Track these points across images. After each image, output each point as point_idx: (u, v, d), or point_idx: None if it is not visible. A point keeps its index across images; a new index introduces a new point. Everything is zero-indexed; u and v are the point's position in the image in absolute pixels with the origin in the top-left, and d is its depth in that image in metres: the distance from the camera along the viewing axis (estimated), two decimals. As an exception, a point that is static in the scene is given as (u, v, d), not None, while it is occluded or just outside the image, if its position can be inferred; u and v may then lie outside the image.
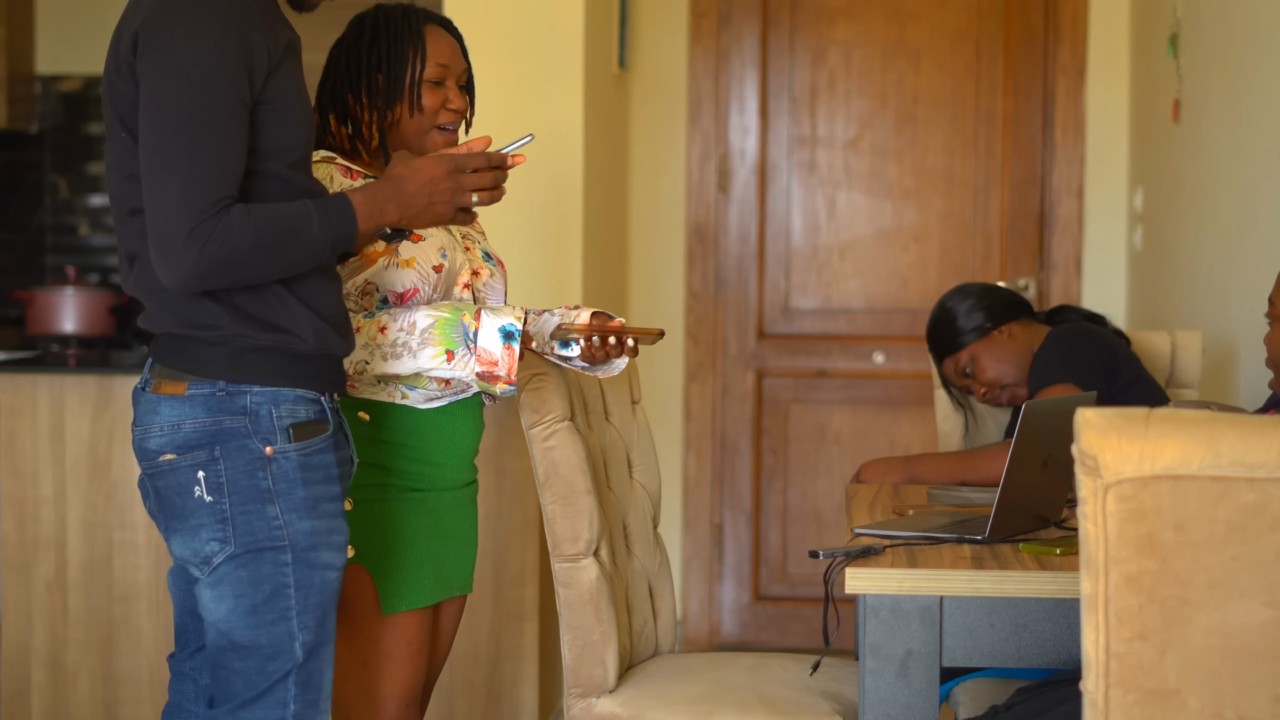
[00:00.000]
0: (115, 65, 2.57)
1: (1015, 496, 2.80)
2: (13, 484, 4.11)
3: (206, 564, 2.58)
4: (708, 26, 5.81)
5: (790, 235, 5.82)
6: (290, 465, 2.59)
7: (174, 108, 2.48)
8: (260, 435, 2.57)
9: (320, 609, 2.62)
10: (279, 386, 2.60)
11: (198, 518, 2.58)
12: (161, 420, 2.60)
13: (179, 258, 2.46)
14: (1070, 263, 5.71)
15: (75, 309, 6.34)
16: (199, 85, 2.48)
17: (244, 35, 2.53)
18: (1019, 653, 2.60)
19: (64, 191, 6.77)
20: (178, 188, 2.46)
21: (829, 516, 5.79)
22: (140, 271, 2.61)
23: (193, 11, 2.50)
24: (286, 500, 2.58)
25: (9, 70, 6.43)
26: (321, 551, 2.62)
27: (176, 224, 2.46)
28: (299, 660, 2.60)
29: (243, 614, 2.57)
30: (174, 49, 2.49)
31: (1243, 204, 4.07)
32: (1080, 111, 5.70)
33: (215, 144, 2.49)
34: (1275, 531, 1.81)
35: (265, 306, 2.59)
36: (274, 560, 2.58)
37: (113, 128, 2.60)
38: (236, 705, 2.59)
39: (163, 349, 2.63)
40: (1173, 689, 1.83)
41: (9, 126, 6.51)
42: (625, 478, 3.53)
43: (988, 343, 3.81)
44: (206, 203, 2.46)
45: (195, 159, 2.47)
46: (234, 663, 2.59)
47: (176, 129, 2.48)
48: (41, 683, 4.11)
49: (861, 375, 5.81)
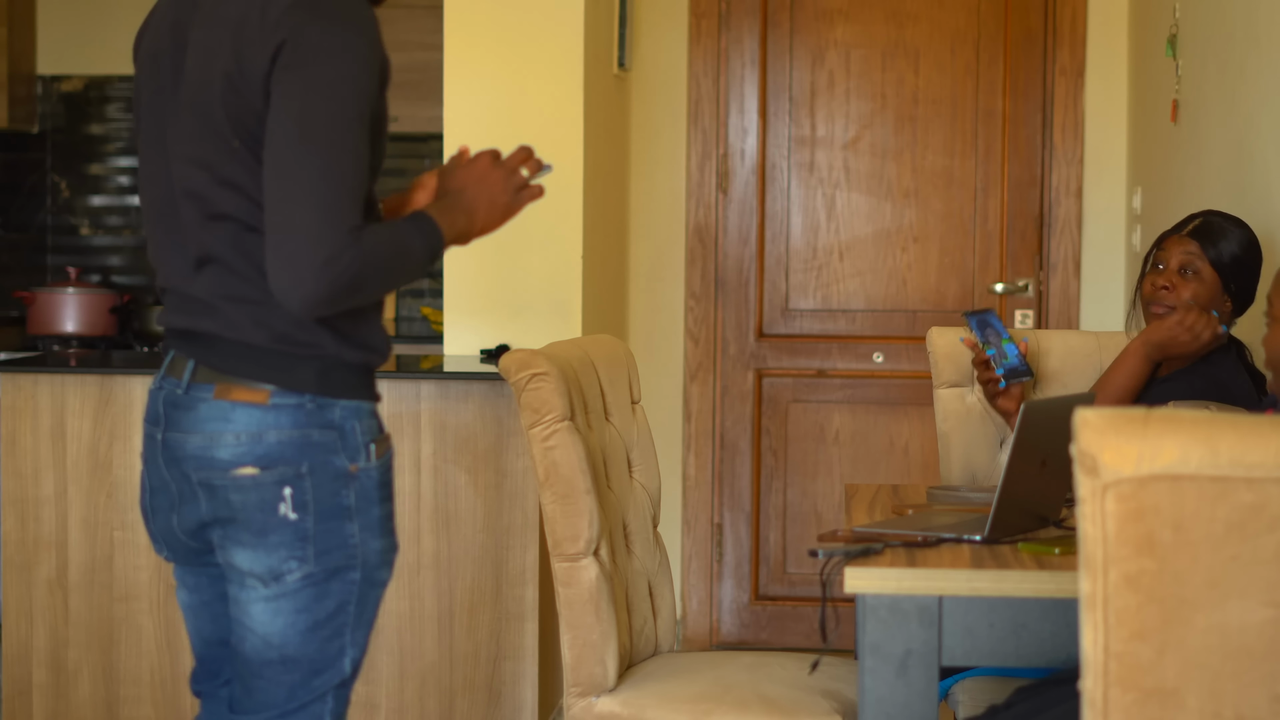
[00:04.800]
0: (240, 73, 2.46)
1: (1014, 496, 2.81)
2: (14, 484, 4.11)
3: (277, 581, 2.51)
4: (707, 27, 5.82)
5: (790, 235, 5.83)
6: (371, 484, 2.55)
7: (321, 130, 2.40)
8: (347, 451, 2.52)
9: (368, 625, 2.59)
10: (360, 400, 2.56)
11: (278, 535, 2.50)
12: (237, 428, 2.51)
13: (313, 285, 2.38)
14: (1069, 263, 5.71)
15: (76, 309, 6.35)
16: (346, 108, 2.41)
17: (381, 55, 2.49)
18: (1018, 652, 2.60)
19: (65, 192, 6.78)
20: (319, 213, 2.38)
21: (829, 516, 5.79)
22: (216, 276, 2.54)
23: (342, 26, 2.43)
24: (364, 518, 2.54)
25: (10, 71, 6.44)
26: (383, 570, 2.59)
27: (314, 250, 2.38)
28: (345, 675, 2.58)
29: (301, 629, 2.52)
30: (321, 68, 2.41)
31: (1241, 204, 4.07)
32: (1079, 112, 5.70)
33: (354, 169, 2.42)
34: (1274, 531, 1.81)
35: (357, 325, 2.55)
36: (344, 579, 2.53)
37: (216, 129, 2.50)
38: (274, 715, 2.55)
39: (232, 358, 2.53)
40: (1171, 688, 1.83)
41: (10, 127, 6.52)
42: (625, 477, 3.53)
43: (1216, 292, 3.63)
44: (344, 230, 2.39)
45: (336, 182, 2.40)
46: (278, 674, 2.54)
47: (319, 151, 2.40)
48: (42, 682, 4.11)
49: (861, 375, 5.82)
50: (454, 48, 4.67)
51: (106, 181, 6.77)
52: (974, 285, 5.78)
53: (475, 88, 4.66)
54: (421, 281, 6.77)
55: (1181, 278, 3.63)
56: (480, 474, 4.06)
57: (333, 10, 2.44)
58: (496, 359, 4.39)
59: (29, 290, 6.39)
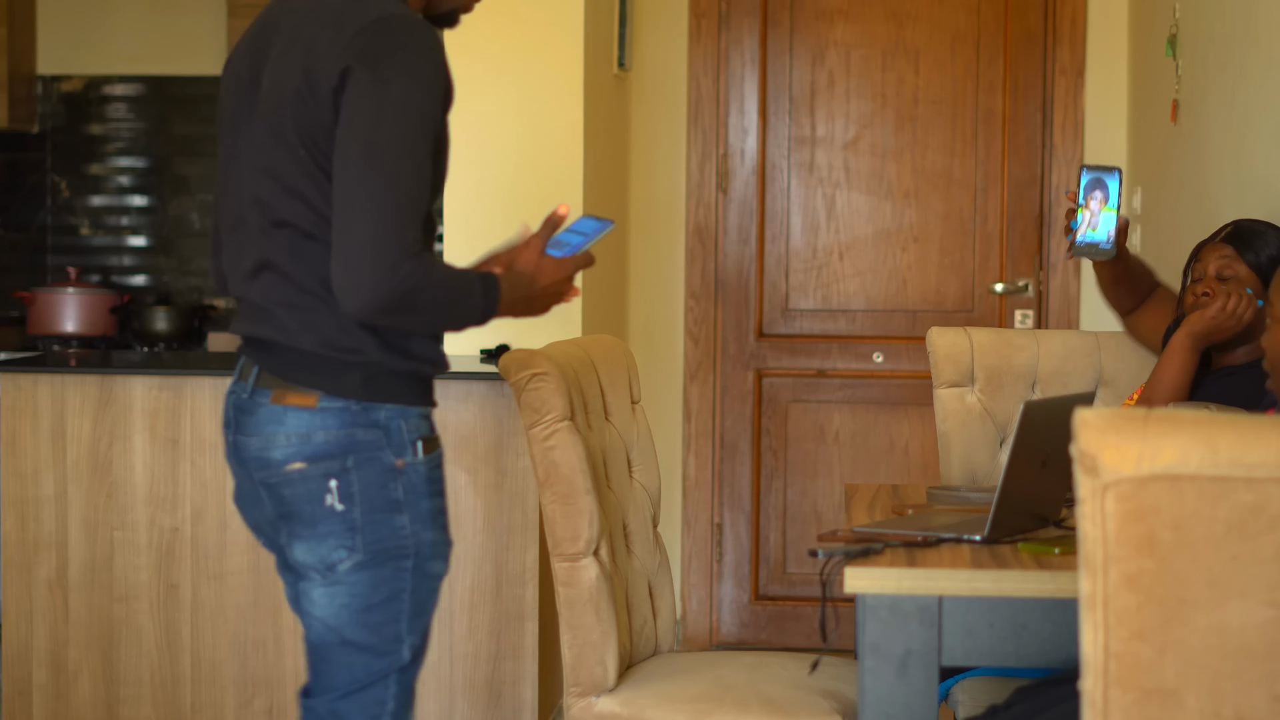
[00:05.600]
0: (309, 87, 2.61)
1: (1014, 496, 2.81)
2: (14, 484, 4.11)
3: (330, 570, 2.66)
4: (707, 27, 5.82)
5: (790, 235, 5.83)
6: (419, 478, 2.69)
7: (385, 146, 2.55)
8: (393, 447, 2.66)
9: (425, 615, 2.72)
10: (407, 404, 2.69)
11: (327, 525, 2.65)
12: (288, 430, 2.67)
13: (372, 289, 2.54)
14: (1069, 263, 5.71)
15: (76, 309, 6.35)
16: (412, 128, 2.57)
17: (446, 76, 2.66)
18: (1018, 652, 2.60)
19: (65, 192, 6.78)
20: (382, 222, 2.54)
21: (829, 516, 5.79)
22: (272, 281, 2.69)
23: (408, 51, 2.60)
24: (413, 511, 2.67)
25: (10, 71, 6.44)
26: (436, 562, 2.72)
27: (379, 258, 2.53)
28: (405, 662, 2.70)
29: (355, 612, 2.66)
30: (390, 88, 2.57)
31: (1241, 204, 4.07)
32: (1079, 112, 5.70)
33: (417, 186, 2.58)
34: (1273, 531, 1.81)
35: (404, 336, 2.69)
36: (395, 566, 2.66)
37: (284, 139, 2.65)
38: (339, 695, 2.69)
39: (287, 364, 2.69)
40: (1171, 688, 1.83)
41: (10, 127, 6.52)
42: (625, 477, 3.53)
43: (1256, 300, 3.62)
44: (407, 240, 2.55)
45: (400, 196, 2.55)
46: (341, 657, 2.68)
47: (386, 166, 2.55)
48: (43, 682, 4.12)
49: (861, 375, 5.82)
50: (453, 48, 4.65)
51: (106, 181, 6.77)
52: (974, 285, 5.78)
53: (475, 88, 4.66)
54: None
55: (1220, 283, 3.64)
56: (480, 474, 4.06)
57: (401, 35, 2.60)
58: (496, 359, 4.39)
59: (29, 290, 6.39)
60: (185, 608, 4.09)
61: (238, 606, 4.08)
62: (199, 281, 6.77)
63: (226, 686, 4.09)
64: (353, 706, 2.68)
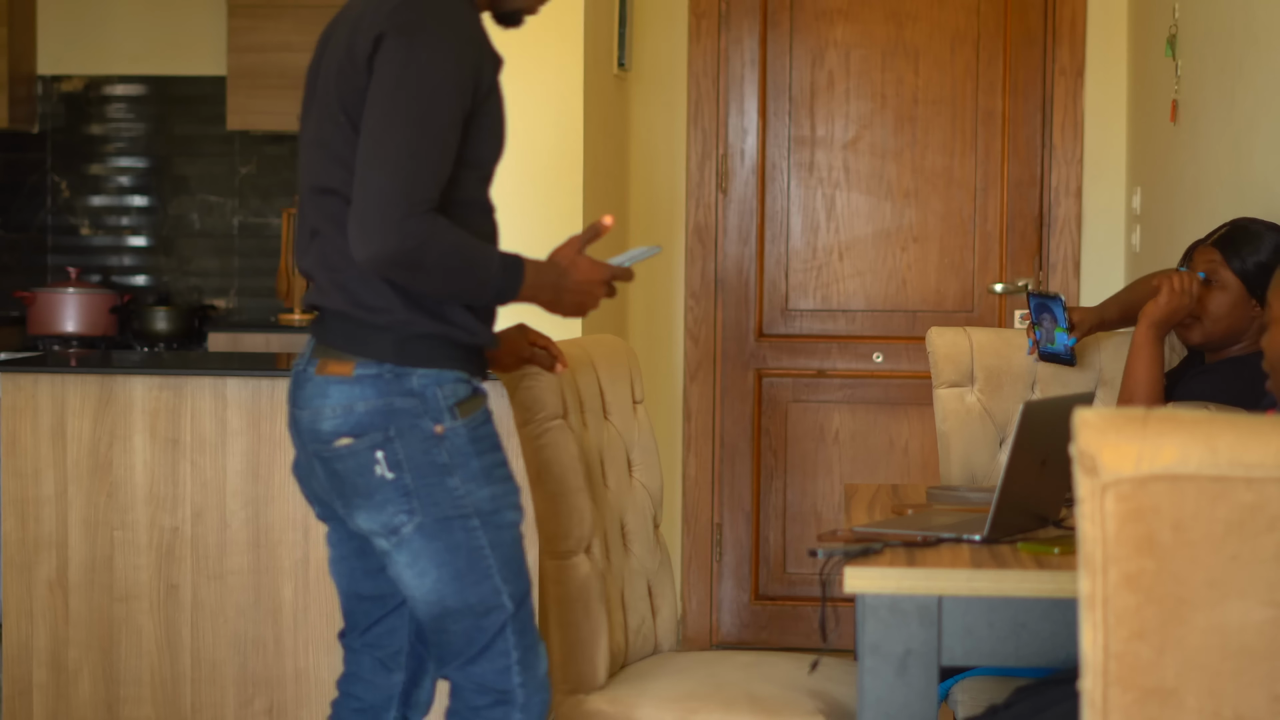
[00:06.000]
0: (349, 56, 2.74)
1: (1014, 496, 2.81)
2: (14, 484, 4.11)
3: (395, 534, 2.76)
4: (707, 27, 5.82)
5: (790, 235, 5.83)
6: (462, 440, 2.76)
7: (407, 106, 2.66)
8: (430, 415, 2.75)
9: (515, 561, 2.81)
10: (441, 368, 2.77)
11: (383, 494, 2.76)
12: (332, 403, 2.77)
13: (381, 239, 2.63)
14: (1069, 263, 5.72)
15: (76, 309, 6.35)
16: (433, 90, 2.68)
17: (478, 52, 2.76)
18: (1017, 652, 2.61)
19: (65, 192, 6.78)
20: (395, 177, 2.64)
21: (829, 516, 5.79)
22: (319, 247, 2.80)
23: (439, 22, 2.71)
24: (464, 472, 2.76)
25: (10, 71, 6.44)
26: (504, 512, 2.80)
27: (388, 209, 2.63)
28: (510, 611, 2.80)
29: (448, 581, 2.76)
30: (417, 53, 2.68)
31: (1241, 204, 4.07)
32: (1079, 112, 5.71)
33: (435, 147, 2.68)
34: (1273, 531, 1.81)
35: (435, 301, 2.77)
36: (464, 527, 2.76)
37: (330, 110, 2.78)
38: (464, 661, 2.81)
39: (329, 329, 2.80)
40: (1171, 688, 1.83)
41: (10, 127, 6.52)
42: (625, 476, 3.53)
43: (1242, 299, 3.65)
44: (418, 198, 2.65)
45: (416, 156, 2.66)
46: (451, 625, 2.79)
47: (405, 125, 2.66)
48: (43, 682, 4.12)
49: (861, 375, 5.82)
50: (454, 48, 4.66)
51: (106, 181, 6.77)
52: (974, 285, 5.79)
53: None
54: (421, 281, 6.77)
55: (1207, 288, 3.66)
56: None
57: (432, 10, 2.72)
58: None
59: (29, 290, 6.39)
60: (185, 608, 4.10)
61: (238, 606, 4.08)
62: (199, 281, 6.77)
63: (226, 686, 4.09)
64: (483, 668, 2.80)
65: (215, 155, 6.74)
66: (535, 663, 2.85)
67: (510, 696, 2.82)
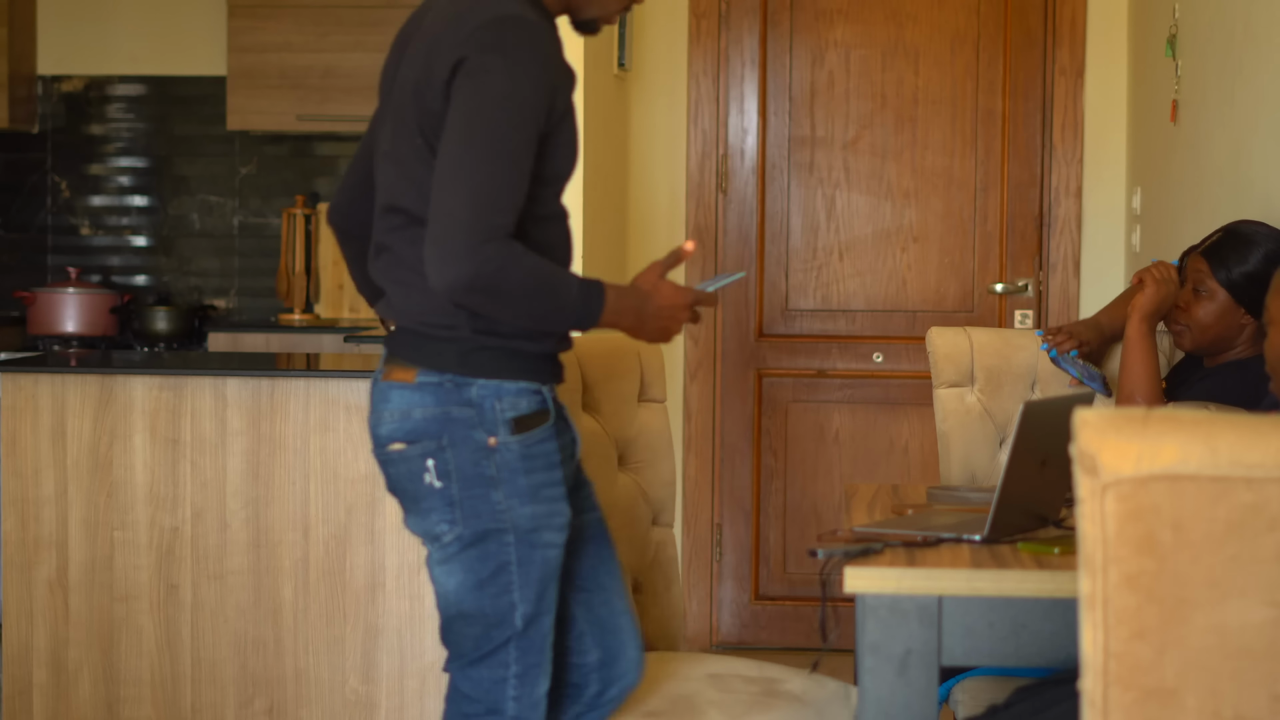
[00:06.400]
0: (426, 78, 2.77)
1: (1014, 496, 2.81)
2: (14, 484, 4.11)
3: (437, 541, 2.82)
4: (707, 27, 5.82)
5: (789, 235, 5.83)
6: (512, 455, 2.78)
7: (485, 133, 2.68)
8: (484, 427, 2.77)
9: (540, 584, 2.82)
10: (504, 379, 2.80)
11: (429, 501, 2.80)
12: (392, 407, 2.81)
13: (457, 266, 2.65)
14: (1069, 263, 5.72)
15: (76, 309, 6.35)
16: (510, 116, 2.70)
17: (553, 74, 2.78)
18: (1018, 652, 2.60)
19: (65, 192, 6.78)
20: (472, 204, 2.66)
21: (829, 516, 5.79)
22: (387, 262, 2.84)
23: (517, 47, 2.73)
24: (509, 487, 2.78)
25: (10, 71, 6.44)
26: (543, 533, 2.81)
27: (464, 236, 2.65)
28: (518, 629, 2.82)
29: (470, 588, 2.80)
30: (495, 79, 2.70)
31: (1241, 205, 4.07)
32: (1079, 112, 5.71)
33: (512, 173, 2.70)
34: (1273, 531, 1.81)
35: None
36: (498, 541, 2.79)
37: (407, 128, 2.80)
38: (466, 663, 2.85)
39: (397, 341, 2.85)
40: (1171, 688, 1.83)
41: (10, 127, 6.52)
42: (608, 473, 3.52)
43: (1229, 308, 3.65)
44: (494, 225, 2.67)
45: (493, 182, 2.68)
46: (462, 628, 2.84)
47: (482, 151, 2.68)
48: (43, 682, 4.12)
49: (861, 375, 5.82)
50: (454, 48, 4.66)
51: (106, 181, 6.77)
52: (974, 285, 5.79)
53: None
54: (421, 281, 6.77)
55: (1195, 296, 3.68)
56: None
57: (510, 32, 2.73)
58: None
59: (29, 290, 6.40)
60: (185, 608, 4.10)
61: (238, 606, 4.08)
62: (199, 281, 6.77)
63: (226, 686, 4.09)
64: (480, 673, 2.83)
65: (215, 155, 6.74)
66: (535, 682, 2.85)
67: (501, 710, 2.84)
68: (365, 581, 4.05)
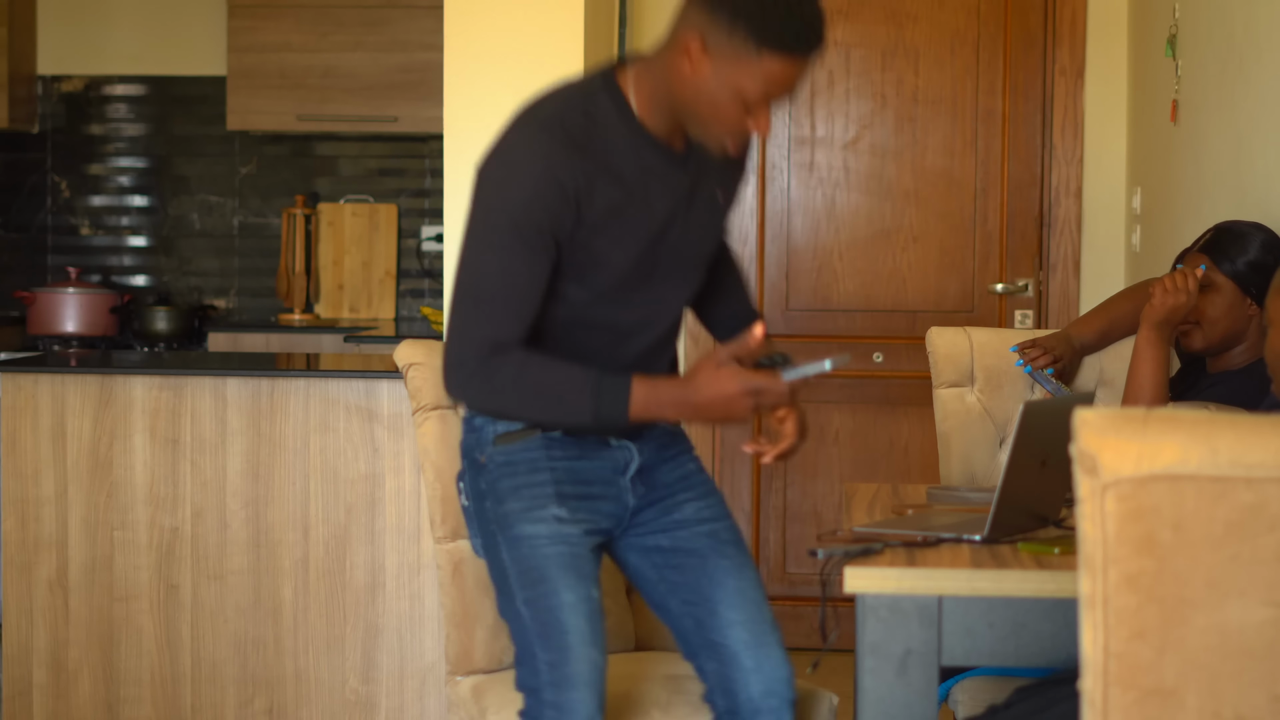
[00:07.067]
0: None
1: (1014, 496, 2.81)
2: (14, 484, 4.11)
3: (477, 555, 2.98)
4: (707, 27, 5.82)
5: (790, 235, 5.83)
6: (496, 465, 2.88)
7: (477, 248, 2.72)
8: (479, 447, 2.90)
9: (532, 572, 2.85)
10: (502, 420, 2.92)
11: (465, 519, 2.99)
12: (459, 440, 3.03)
13: (450, 380, 2.77)
14: (1069, 263, 5.72)
15: (76, 309, 6.35)
16: (503, 232, 2.69)
17: (557, 180, 2.67)
18: (1018, 652, 2.60)
19: (65, 192, 6.78)
20: (463, 323, 2.73)
21: (829, 516, 5.79)
22: None
23: (511, 153, 2.72)
24: (494, 494, 2.89)
25: (10, 71, 6.44)
26: (522, 525, 2.85)
27: (455, 353, 2.74)
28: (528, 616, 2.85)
29: (497, 596, 2.92)
30: (489, 193, 2.71)
31: (1241, 205, 4.07)
32: (1079, 112, 5.71)
33: (506, 288, 2.71)
34: (1273, 531, 1.81)
35: None
36: (496, 546, 2.90)
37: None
38: (517, 663, 2.91)
39: None
40: (1171, 688, 1.83)
41: (10, 127, 6.52)
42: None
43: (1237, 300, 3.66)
44: (479, 338, 2.72)
45: (483, 300, 2.71)
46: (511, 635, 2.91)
47: (474, 268, 2.71)
48: (43, 682, 4.12)
49: (861, 375, 5.82)
50: (454, 48, 4.67)
51: (106, 181, 6.77)
52: (974, 285, 5.79)
53: (475, 88, 4.66)
54: (421, 281, 6.77)
55: (1200, 293, 3.66)
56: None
57: (508, 132, 2.75)
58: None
59: (29, 290, 6.40)
60: (185, 608, 4.10)
61: (238, 606, 4.08)
62: (199, 281, 6.77)
63: (226, 686, 4.09)
64: (522, 672, 2.87)
65: (215, 155, 6.75)
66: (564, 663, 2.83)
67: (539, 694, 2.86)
68: (365, 581, 4.05)
